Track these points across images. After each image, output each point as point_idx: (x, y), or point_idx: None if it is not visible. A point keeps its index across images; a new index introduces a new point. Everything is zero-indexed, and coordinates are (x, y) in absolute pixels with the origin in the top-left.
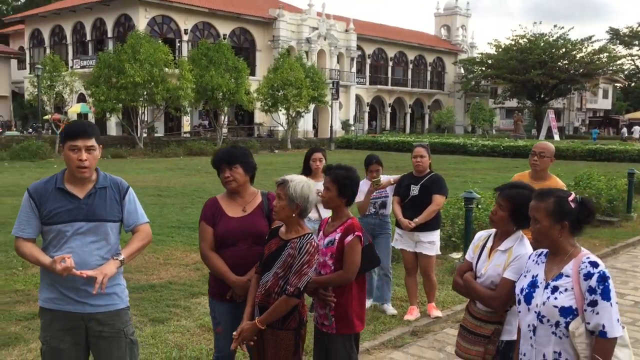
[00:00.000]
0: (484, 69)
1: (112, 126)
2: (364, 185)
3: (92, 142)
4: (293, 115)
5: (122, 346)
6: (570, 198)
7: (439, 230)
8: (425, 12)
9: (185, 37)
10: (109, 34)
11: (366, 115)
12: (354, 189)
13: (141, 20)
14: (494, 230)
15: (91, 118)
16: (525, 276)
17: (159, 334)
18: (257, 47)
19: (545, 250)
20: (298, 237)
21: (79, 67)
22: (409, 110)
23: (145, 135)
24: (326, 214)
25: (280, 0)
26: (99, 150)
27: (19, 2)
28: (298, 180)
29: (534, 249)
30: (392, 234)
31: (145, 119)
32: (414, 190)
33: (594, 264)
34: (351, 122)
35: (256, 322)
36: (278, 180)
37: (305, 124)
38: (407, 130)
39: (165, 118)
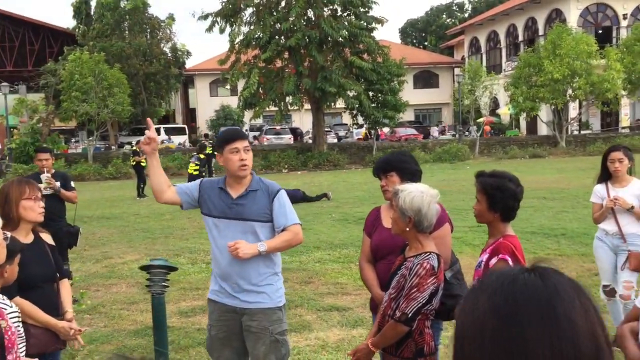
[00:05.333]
0: None
1: (543, 126)
2: None
3: (247, 143)
4: None
5: (267, 343)
6: None
7: None
8: None
9: (624, 23)
10: (540, 32)
11: None
12: (507, 202)
13: (573, 12)
14: None
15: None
16: None
17: None
18: None
19: None
20: (415, 255)
21: (510, 69)
22: None
23: (576, 132)
24: (631, 227)
25: None
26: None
27: (466, 15)
28: (410, 190)
29: None
30: None
31: (577, 115)
32: None
33: None
34: None
35: (369, 343)
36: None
37: None
38: None
39: (603, 114)
